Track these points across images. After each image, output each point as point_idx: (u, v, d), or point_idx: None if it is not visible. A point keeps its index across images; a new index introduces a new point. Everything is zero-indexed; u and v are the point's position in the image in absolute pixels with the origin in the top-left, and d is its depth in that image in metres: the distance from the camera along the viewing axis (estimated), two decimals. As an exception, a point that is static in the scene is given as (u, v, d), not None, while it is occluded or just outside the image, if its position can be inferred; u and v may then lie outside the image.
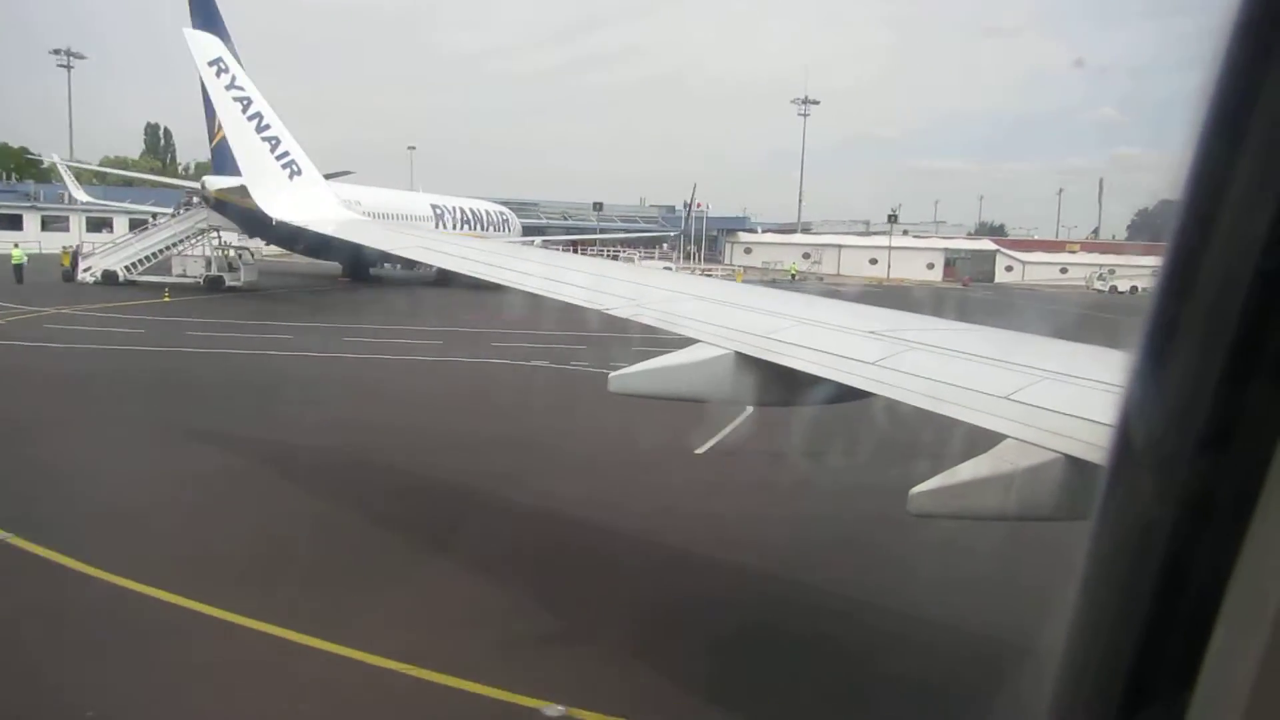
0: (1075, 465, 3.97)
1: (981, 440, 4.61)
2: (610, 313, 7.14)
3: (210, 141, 39.11)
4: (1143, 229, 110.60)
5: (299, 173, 12.17)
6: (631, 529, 10.60)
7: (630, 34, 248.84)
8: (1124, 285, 74.84)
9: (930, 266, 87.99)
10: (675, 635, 7.84)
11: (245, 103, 12.42)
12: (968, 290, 66.72)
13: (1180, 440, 1.02)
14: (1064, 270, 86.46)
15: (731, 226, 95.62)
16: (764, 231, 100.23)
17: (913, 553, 8.93)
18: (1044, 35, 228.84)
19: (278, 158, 12.12)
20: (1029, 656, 1.36)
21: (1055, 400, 4.41)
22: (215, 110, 12.61)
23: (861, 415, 6.90)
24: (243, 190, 14.58)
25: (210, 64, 12.86)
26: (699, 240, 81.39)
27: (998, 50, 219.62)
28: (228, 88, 12.51)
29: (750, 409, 11.99)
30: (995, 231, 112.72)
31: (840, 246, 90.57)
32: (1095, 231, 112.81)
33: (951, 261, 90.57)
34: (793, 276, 71.86)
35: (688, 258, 76.17)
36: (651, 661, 7.22)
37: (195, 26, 25.01)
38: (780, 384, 5.93)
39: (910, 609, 8.25)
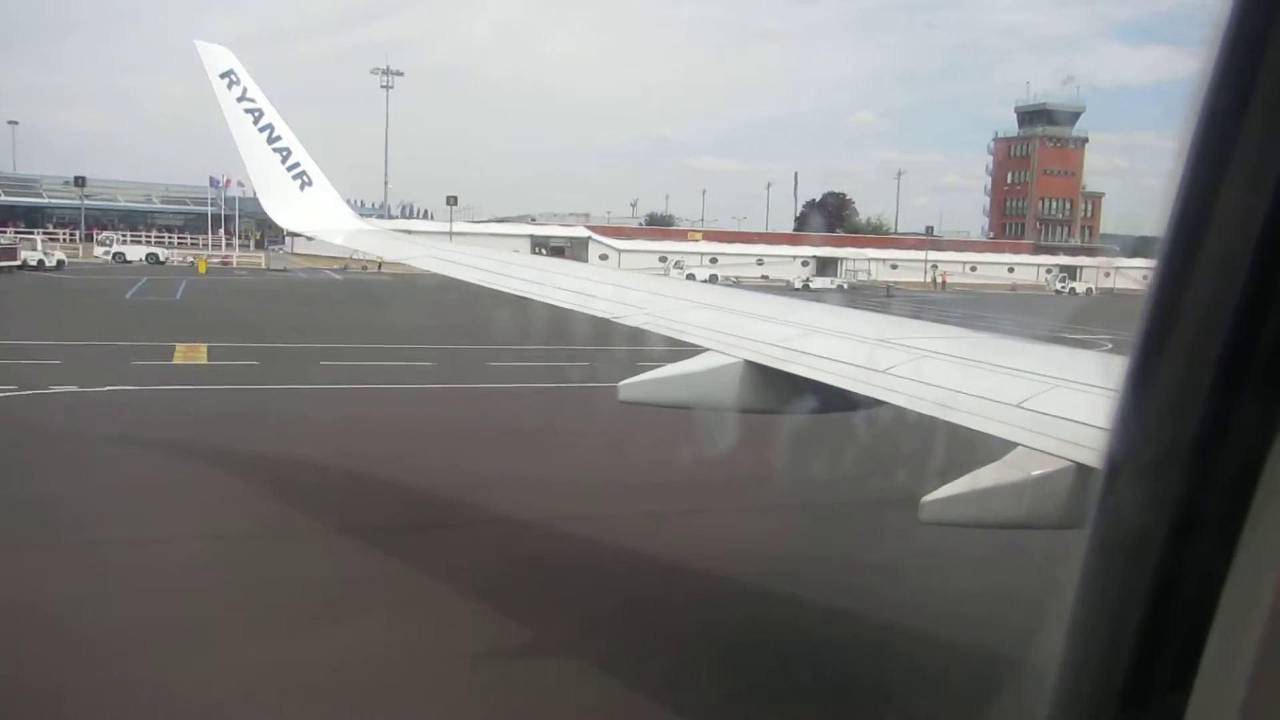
0: (1087, 473, 3.93)
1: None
2: (620, 321, 7.14)
3: None
4: (803, 221, 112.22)
5: (310, 184, 12.21)
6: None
7: (405, 28, 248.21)
8: (703, 274, 74.02)
9: (515, 254, 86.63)
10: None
11: (256, 114, 12.47)
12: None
13: (1173, 448, 1.03)
14: (662, 259, 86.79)
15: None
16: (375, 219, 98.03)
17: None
18: (807, 41, 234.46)
19: (289, 169, 12.16)
20: (1027, 663, 1.36)
21: (1068, 408, 4.37)
22: (227, 122, 12.60)
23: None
24: None
25: (222, 76, 12.90)
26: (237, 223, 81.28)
27: (767, 54, 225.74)
28: (239, 99, 12.55)
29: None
30: (663, 223, 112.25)
31: (410, 233, 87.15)
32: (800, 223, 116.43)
33: (560, 250, 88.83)
34: (345, 268, 69.25)
35: (226, 247, 75.64)
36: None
37: None
38: (791, 392, 5.91)
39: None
